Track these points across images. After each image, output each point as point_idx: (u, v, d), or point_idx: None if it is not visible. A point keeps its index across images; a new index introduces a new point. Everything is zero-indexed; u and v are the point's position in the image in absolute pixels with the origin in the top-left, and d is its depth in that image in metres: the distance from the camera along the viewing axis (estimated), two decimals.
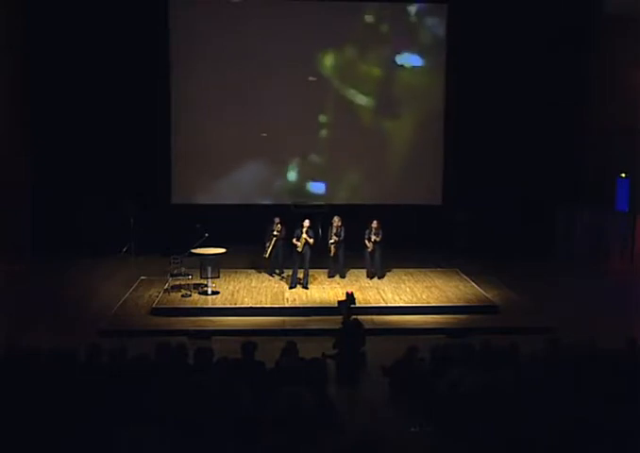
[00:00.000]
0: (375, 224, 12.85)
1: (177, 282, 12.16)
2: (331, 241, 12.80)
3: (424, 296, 11.96)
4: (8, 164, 14.03)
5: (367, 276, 12.99)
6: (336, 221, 12.87)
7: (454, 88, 15.71)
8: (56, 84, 14.77)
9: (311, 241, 12.29)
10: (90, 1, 14.65)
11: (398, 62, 15.71)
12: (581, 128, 15.85)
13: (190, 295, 11.71)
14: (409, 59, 15.76)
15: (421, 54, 15.78)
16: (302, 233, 12.26)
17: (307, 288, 12.23)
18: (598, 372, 5.92)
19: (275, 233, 12.61)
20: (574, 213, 15.34)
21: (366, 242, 12.87)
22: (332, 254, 12.95)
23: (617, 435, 4.60)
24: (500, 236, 15.03)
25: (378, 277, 12.95)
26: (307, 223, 12.33)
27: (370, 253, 12.92)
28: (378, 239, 12.81)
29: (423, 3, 15.68)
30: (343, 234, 12.80)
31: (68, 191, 14.93)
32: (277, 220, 12.69)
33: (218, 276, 12.51)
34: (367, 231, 12.89)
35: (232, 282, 12.65)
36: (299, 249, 12.25)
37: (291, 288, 12.25)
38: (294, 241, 12.30)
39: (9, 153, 14.17)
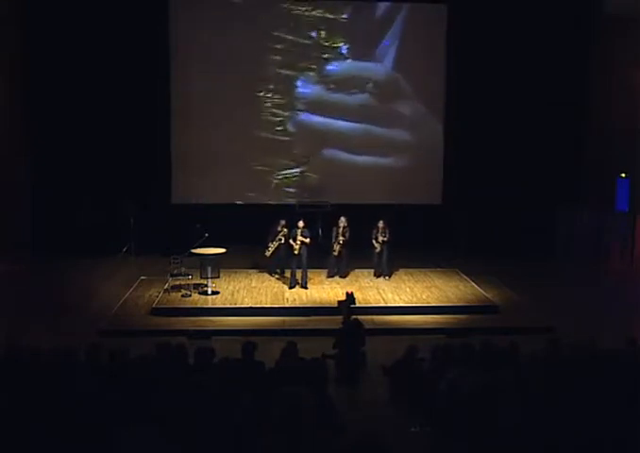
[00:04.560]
0: (381, 224, 12.85)
1: (177, 282, 12.15)
2: (340, 241, 12.78)
3: (424, 296, 11.96)
4: (8, 164, 14.05)
5: (375, 276, 13.01)
6: (343, 221, 12.85)
7: (454, 87, 15.72)
8: (56, 84, 14.77)
9: (307, 241, 12.28)
10: (90, 1, 14.66)
11: (398, 62, 15.74)
12: (581, 128, 15.86)
13: (190, 295, 11.71)
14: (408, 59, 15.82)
15: (421, 53, 15.78)
16: (297, 234, 12.25)
17: (306, 288, 12.23)
18: (599, 372, 5.92)
19: (281, 236, 12.54)
20: (574, 213, 15.33)
21: (374, 242, 12.88)
22: (337, 254, 12.93)
23: (618, 435, 4.60)
24: (500, 236, 15.03)
25: (386, 277, 12.97)
26: (301, 223, 12.30)
27: (378, 253, 12.95)
28: (385, 239, 12.82)
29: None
30: (348, 234, 12.81)
31: (68, 191, 14.94)
32: (282, 222, 12.60)
33: (218, 276, 12.51)
34: (374, 231, 12.88)
35: (232, 282, 12.64)
36: (295, 251, 12.24)
37: (290, 288, 12.25)
38: (290, 242, 12.30)
39: (9, 153, 14.18)
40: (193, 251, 12.05)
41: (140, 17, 14.80)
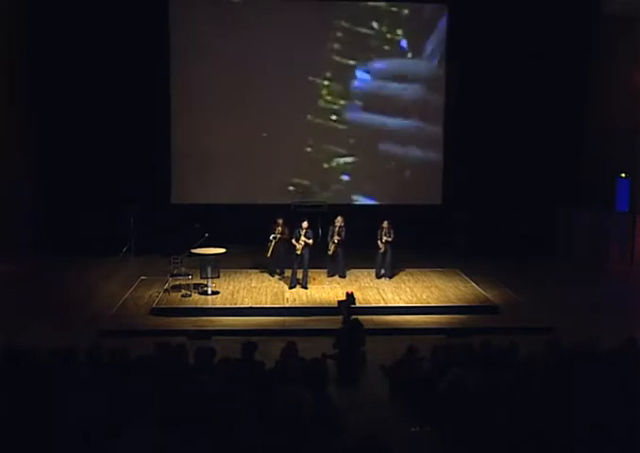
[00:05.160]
0: (385, 224, 12.89)
1: (177, 282, 12.17)
2: (335, 240, 12.81)
3: (424, 296, 11.96)
4: (8, 164, 14.05)
5: (376, 277, 13.01)
6: (339, 221, 12.87)
7: (454, 88, 15.71)
8: (56, 85, 14.79)
9: (309, 242, 12.30)
10: (90, 2, 14.66)
11: (398, 62, 15.73)
12: (582, 128, 15.86)
13: (190, 295, 11.71)
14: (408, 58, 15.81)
15: (421, 53, 15.78)
16: (301, 235, 12.27)
17: (306, 288, 12.23)
18: (598, 372, 5.92)
19: (275, 235, 12.59)
20: (574, 213, 15.34)
21: (378, 242, 12.89)
22: (332, 253, 12.96)
23: (617, 435, 4.60)
24: (500, 236, 15.03)
25: (388, 277, 12.97)
26: (305, 224, 12.33)
27: (382, 254, 12.96)
28: (389, 239, 12.83)
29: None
30: (344, 234, 12.82)
31: (68, 191, 14.94)
32: (279, 221, 12.67)
33: (218, 276, 12.52)
34: (379, 232, 12.92)
35: (232, 282, 12.65)
36: (298, 251, 12.26)
37: (290, 288, 12.25)
38: (293, 242, 12.32)
39: (10, 153, 14.18)
40: (193, 251, 12.05)
41: (140, 17, 14.80)
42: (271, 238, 12.61)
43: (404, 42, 15.67)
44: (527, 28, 15.25)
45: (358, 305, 10.48)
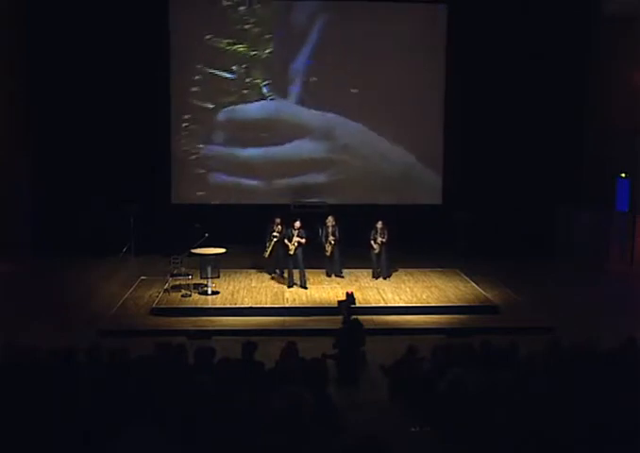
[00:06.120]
0: (380, 224, 12.82)
1: (177, 282, 12.16)
2: (330, 240, 12.79)
3: (424, 296, 11.96)
4: (8, 164, 14.05)
5: (373, 277, 12.99)
6: (330, 220, 12.84)
7: (454, 88, 15.70)
8: (56, 85, 14.79)
9: (302, 241, 12.27)
10: (90, 2, 14.66)
11: (399, 62, 15.72)
12: (581, 128, 15.86)
13: (190, 295, 11.71)
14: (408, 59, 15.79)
15: (421, 54, 15.76)
16: (293, 235, 12.25)
17: (305, 288, 12.22)
18: (598, 372, 5.92)
19: (275, 234, 12.59)
20: (574, 213, 15.34)
21: (372, 242, 12.85)
22: (329, 254, 12.94)
23: (617, 435, 4.60)
24: (500, 236, 15.03)
25: (384, 278, 12.94)
26: (297, 224, 12.31)
27: (376, 254, 12.92)
28: (383, 240, 12.79)
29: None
30: (338, 233, 12.79)
31: (68, 191, 14.94)
32: (277, 220, 12.66)
33: (218, 276, 12.52)
34: (372, 232, 12.85)
35: (232, 282, 12.65)
36: (290, 252, 12.24)
37: (289, 287, 12.24)
38: (286, 241, 12.30)
39: (10, 153, 14.18)
40: (193, 251, 12.05)
41: (140, 18, 14.79)
42: (272, 237, 12.57)
43: None
44: (527, 29, 15.25)
45: (358, 305, 10.47)
